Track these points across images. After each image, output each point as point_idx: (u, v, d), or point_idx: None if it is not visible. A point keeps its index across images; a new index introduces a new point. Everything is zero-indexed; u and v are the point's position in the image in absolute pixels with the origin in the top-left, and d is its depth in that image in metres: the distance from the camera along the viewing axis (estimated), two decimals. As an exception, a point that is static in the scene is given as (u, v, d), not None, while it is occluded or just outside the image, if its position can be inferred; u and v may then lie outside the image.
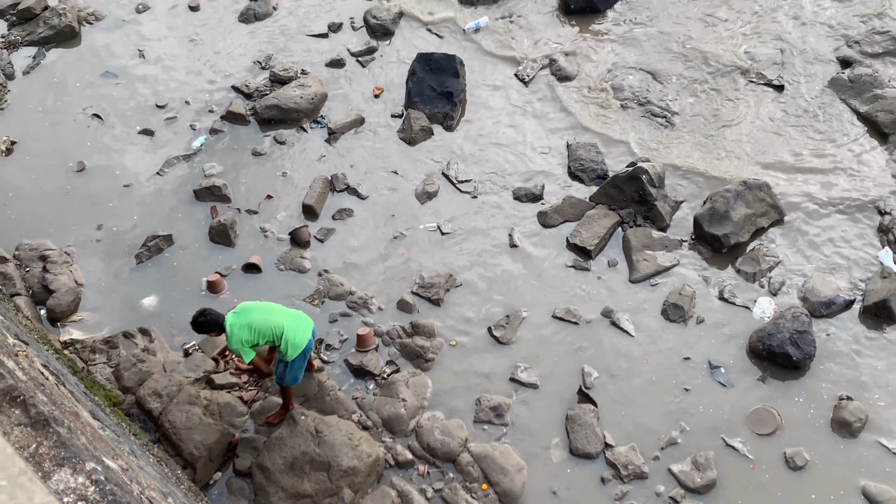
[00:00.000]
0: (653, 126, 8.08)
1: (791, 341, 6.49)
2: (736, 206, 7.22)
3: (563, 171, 7.79)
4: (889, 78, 8.27)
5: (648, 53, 8.64)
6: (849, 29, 8.77)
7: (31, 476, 1.90)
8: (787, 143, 7.96)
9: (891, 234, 7.22)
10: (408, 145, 7.99)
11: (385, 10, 8.96)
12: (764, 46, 8.64)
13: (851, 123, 8.08)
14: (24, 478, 1.86)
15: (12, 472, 1.87)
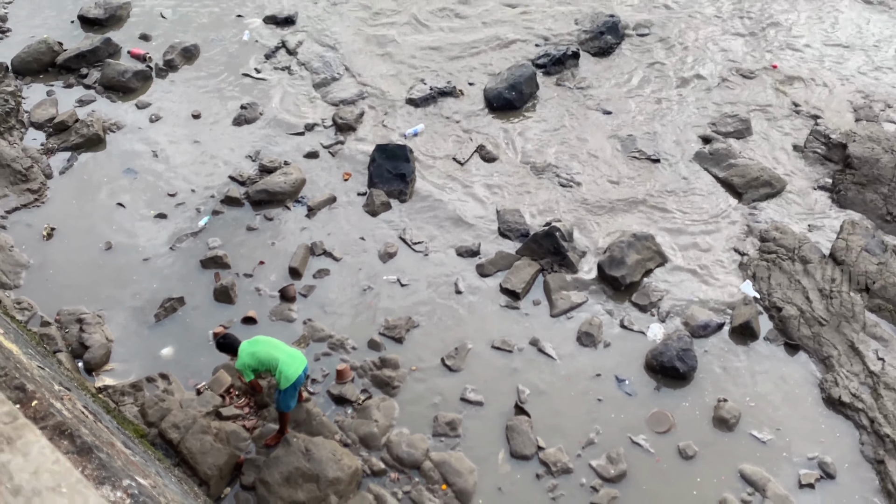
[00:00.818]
0: (562, 192, 8.33)
1: (678, 357, 6.70)
2: (629, 253, 7.47)
3: (495, 232, 7.96)
4: (739, 150, 8.65)
5: (555, 140, 8.92)
6: (705, 111, 9.15)
7: (87, 484, 2.01)
8: (664, 200, 8.26)
9: (749, 269, 7.53)
10: (371, 216, 8.14)
11: (349, 112, 9.18)
12: (644, 128, 8.98)
13: (714, 186, 8.42)
14: (81, 485, 1.96)
15: (71, 480, 1.98)
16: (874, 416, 6.32)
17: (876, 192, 8.09)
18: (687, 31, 10.22)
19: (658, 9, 10.64)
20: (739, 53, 9.90)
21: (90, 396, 5.94)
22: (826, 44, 10.10)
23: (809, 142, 8.71)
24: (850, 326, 6.89)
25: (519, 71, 9.27)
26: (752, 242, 7.77)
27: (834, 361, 6.70)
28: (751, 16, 10.57)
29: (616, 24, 9.93)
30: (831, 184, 8.29)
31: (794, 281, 7.26)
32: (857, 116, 9.09)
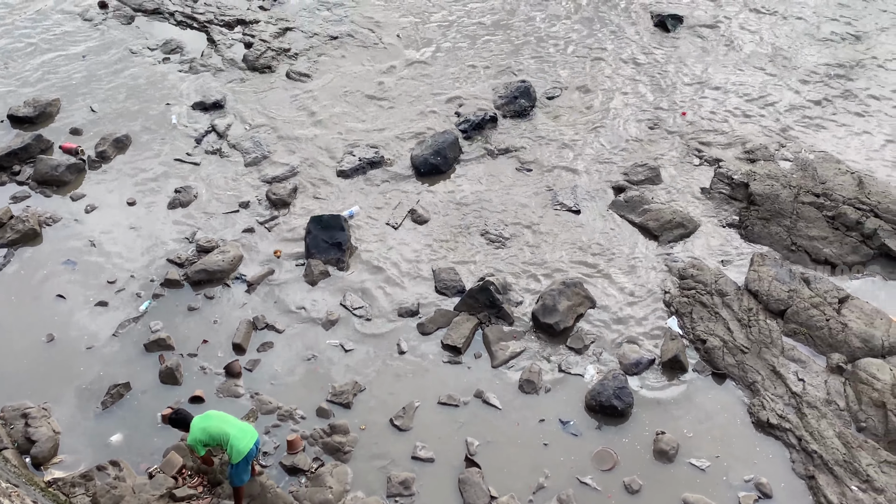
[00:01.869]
0: (492, 248, 8.47)
1: (615, 395, 6.81)
2: (560, 300, 7.62)
3: (432, 291, 8.03)
4: (652, 196, 8.98)
5: (482, 199, 9.10)
6: (618, 163, 9.50)
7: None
8: (588, 248, 8.48)
9: (672, 306, 7.75)
10: (311, 286, 8.13)
11: (282, 187, 9.22)
12: (563, 183, 9.26)
13: (632, 231, 8.69)
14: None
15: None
16: (801, 434, 6.51)
17: (779, 224, 8.47)
18: (594, 90, 10.60)
19: (567, 70, 11.01)
20: (647, 104, 10.30)
21: (40, 491, 5.70)
22: (726, 92, 10.57)
23: (714, 184, 9.08)
24: (769, 352, 7.13)
25: (442, 137, 9.49)
26: (672, 281, 8.01)
27: (759, 386, 6.90)
28: (657, 70, 11.03)
29: (528, 88, 10.28)
30: (738, 221, 8.64)
31: (715, 314, 7.50)
32: (756, 157, 9.49)
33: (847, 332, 7.21)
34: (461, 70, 11.09)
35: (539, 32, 11.90)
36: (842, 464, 6.22)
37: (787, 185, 8.81)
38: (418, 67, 11.13)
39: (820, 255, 8.20)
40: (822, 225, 8.43)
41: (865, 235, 8.24)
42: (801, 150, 9.58)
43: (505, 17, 12.27)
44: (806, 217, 8.49)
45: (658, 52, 11.45)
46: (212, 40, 11.71)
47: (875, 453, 6.28)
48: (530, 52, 11.43)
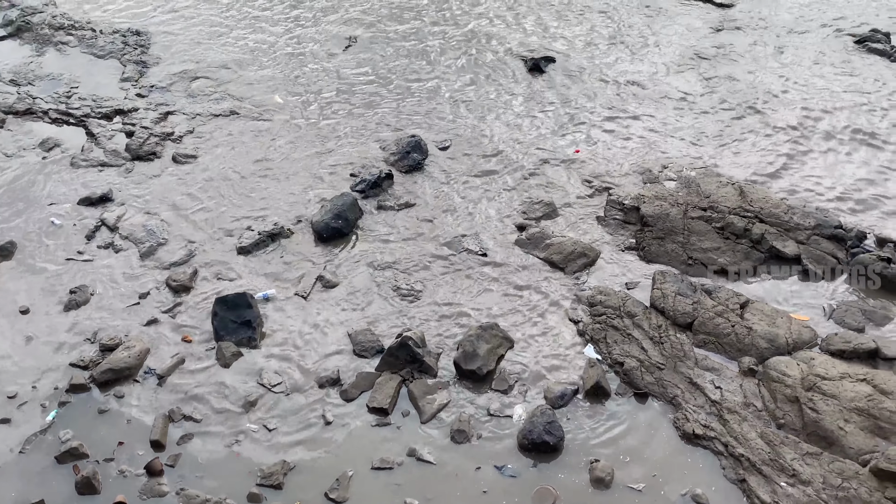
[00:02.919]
0: (406, 303, 8.44)
1: (546, 431, 6.82)
2: (479, 344, 7.63)
3: (351, 355, 7.91)
4: (552, 230, 9.19)
5: (388, 255, 9.09)
6: (515, 202, 9.70)
7: None
8: (499, 288, 8.56)
9: (587, 334, 7.88)
10: (225, 369, 7.86)
11: (182, 272, 8.95)
12: (466, 229, 9.36)
13: (538, 266, 8.84)
14: None
15: None
16: (726, 440, 6.67)
17: (674, 241, 8.79)
18: (484, 136, 10.84)
19: (455, 120, 11.23)
20: (538, 144, 10.59)
21: None
22: (611, 123, 11.01)
23: (608, 211, 9.38)
24: (684, 365, 7.32)
25: (340, 200, 9.46)
26: (583, 309, 8.17)
27: (680, 399, 7.05)
28: (542, 110, 11.40)
29: (419, 142, 10.42)
30: (635, 243, 8.92)
31: (628, 335, 7.66)
32: (643, 181, 9.87)
33: (753, 335, 7.49)
34: (350, 132, 11.16)
35: (421, 87, 12.12)
36: (768, 462, 6.40)
37: (676, 204, 9.18)
38: (306, 135, 11.13)
39: (716, 265, 8.54)
40: (714, 236, 8.79)
41: (754, 241, 8.65)
42: (683, 168, 10.03)
43: (385, 73, 12.47)
44: (697, 231, 8.84)
45: (542, 93, 11.85)
46: (91, 134, 11.38)
47: (797, 447, 6.49)
48: (416, 107, 11.64)
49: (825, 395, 6.75)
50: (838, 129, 10.94)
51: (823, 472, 6.27)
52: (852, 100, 11.60)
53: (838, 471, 6.26)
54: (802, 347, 7.39)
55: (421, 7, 14.59)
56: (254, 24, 13.97)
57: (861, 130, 10.87)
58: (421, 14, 14.34)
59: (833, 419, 6.58)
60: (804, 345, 7.42)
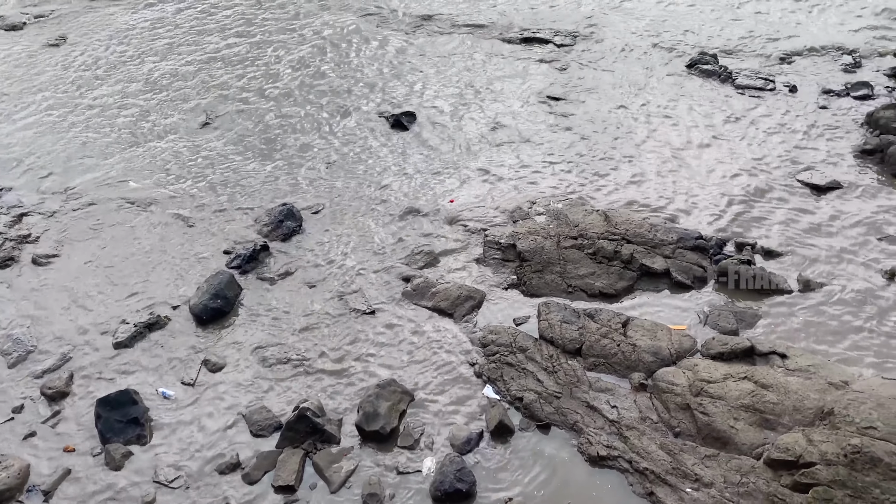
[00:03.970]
0: (299, 373, 8.23)
1: (457, 479, 6.76)
2: (379, 403, 7.52)
3: (248, 436, 7.61)
4: (436, 278, 9.27)
5: (268, 327, 8.87)
6: (396, 255, 9.73)
7: None
8: (392, 342, 8.50)
9: (484, 375, 7.93)
10: (116, 471, 7.38)
11: (56, 378, 8.39)
12: (346, 289, 9.28)
13: (428, 316, 8.86)
14: None
15: None
16: (630, 456, 6.82)
17: (552, 272, 9.04)
18: (357, 196, 10.86)
19: (327, 184, 11.21)
20: (410, 198, 10.69)
21: None
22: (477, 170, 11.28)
23: (486, 252, 9.56)
24: (580, 390, 7.48)
25: (217, 279, 9.20)
26: (477, 351, 8.22)
27: (581, 424, 7.18)
28: (409, 163, 11.55)
29: (291, 209, 10.33)
30: (517, 280, 9.11)
31: (523, 370, 7.76)
32: (515, 218, 10.14)
33: (638, 351, 7.75)
34: (218, 209, 10.92)
35: (287, 153, 12.06)
36: (672, 472, 6.59)
37: (548, 236, 9.47)
38: (171, 219, 10.79)
39: (594, 289, 8.83)
40: (588, 262, 9.11)
41: (625, 261, 9.02)
42: (550, 202, 10.39)
43: (249, 143, 12.34)
44: (572, 259, 9.13)
45: (408, 147, 12.05)
46: (-63, 246, 10.61)
47: (695, 452, 6.73)
48: (284, 174, 11.57)
49: (713, 397, 7.05)
50: (685, 148, 11.65)
51: (723, 472, 6.51)
52: (693, 120, 12.42)
53: (736, 468, 6.52)
54: (685, 356, 7.71)
55: (280, 75, 14.61)
56: (102, 110, 13.54)
57: (697, 145, 11.63)
58: (280, 78, 14.35)
59: (723, 419, 6.87)
60: (686, 353, 7.74)
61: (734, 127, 12.24)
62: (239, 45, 16.14)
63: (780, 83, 13.47)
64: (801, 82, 13.49)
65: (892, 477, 6.02)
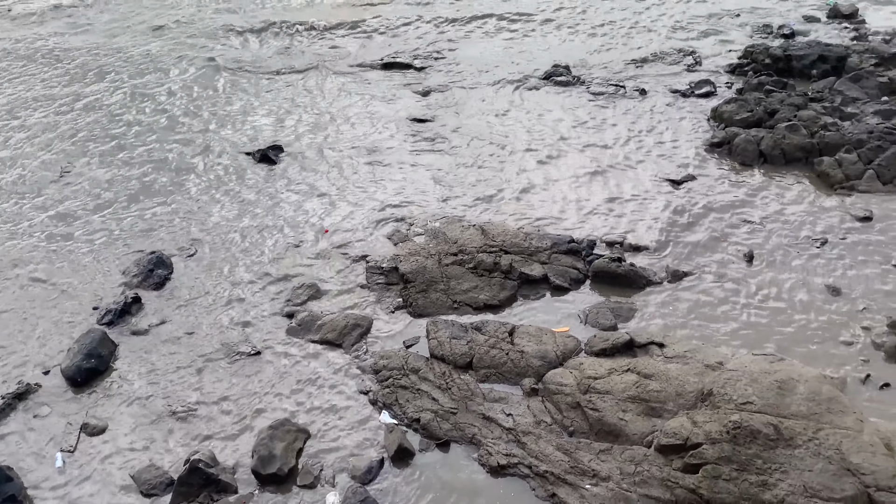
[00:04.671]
0: (186, 425, 7.89)
1: (362, 510, 6.65)
2: (274, 445, 7.29)
3: (139, 496, 7.20)
4: (320, 311, 9.13)
5: (154, 377, 8.48)
6: (278, 295, 9.53)
7: None
8: (280, 382, 8.29)
9: (378, 402, 7.85)
10: (-6, 560, 6.82)
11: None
12: (232, 333, 9.00)
13: (317, 350, 8.69)
14: None
15: None
16: (529, 461, 6.92)
17: (436, 290, 9.10)
18: (226, 239, 10.59)
19: (194, 227, 10.87)
20: (286, 233, 10.51)
21: None
22: (350, 202, 11.22)
23: (369, 277, 9.52)
24: (474, 403, 7.54)
25: (88, 338, 8.71)
26: (369, 378, 8.14)
27: (479, 437, 7.23)
28: (280, 197, 11.37)
29: (160, 257, 9.97)
30: (403, 302, 9.10)
31: (417, 391, 7.75)
32: (395, 241, 10.15)
33: (526, 357, 7.90)
34: (83, 264, 10.37)
35: (153, 201, 11.63)
36: (570, 471, 6.73)
37: (429, 255, 9.53)
38: (30, 280, 10.13)
39: (478, 302, 8.95)
40: (470, 277, 9.23)
41: (505, 271, 9.20)
42: (427, 222, 10.48)
43: (112, 194, 11.82)
44: (454, 276, 9.23)
45: (278, 180, 11.88)
46: None
47: (590, 448, 6.90)
48: (151, 222, 11.15)
49: (600, 393, 7.26)
50: (551, 156, 12.05)
51: (618, 464, 6.70)
52: (554, 128, 12.88)
53: (630, 458, 6.73)
54: (571, 356, 7.91)
55: (142, 122, 14.10)
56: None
57: (561, 151, 12.07)
58: (139, 123, 13.84)
59: (613, 413, 7.09)
60: (571, 353, 7.95)
61: (593, 132, 12.78)
62: (96, 94, 15.49)
63: (631, 88, 14.19)
64: (650, 85, 14.26)
65: (771, 446, 6.37)
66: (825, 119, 11.90)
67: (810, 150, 11.34)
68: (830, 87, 13.28)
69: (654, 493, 6.44)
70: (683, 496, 6.33)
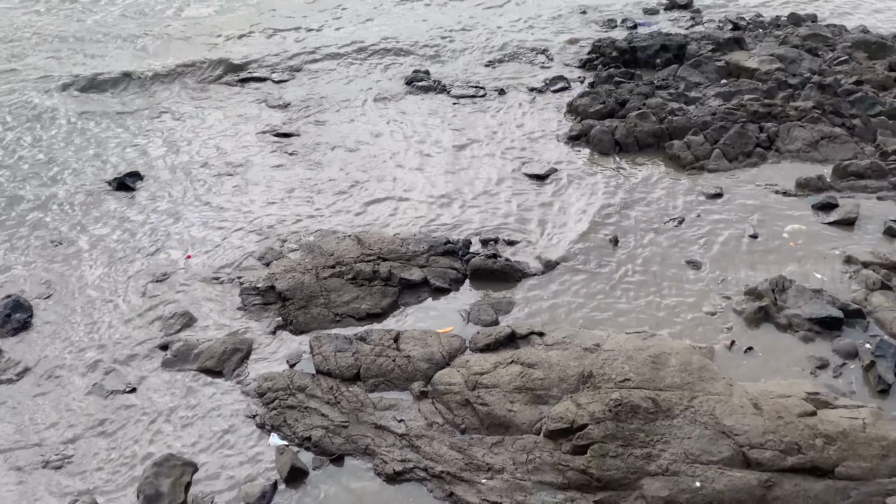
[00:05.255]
0: (62, 475, 7.40)
1: (259, 537, 6.47)
2: (160, 482, 6.94)
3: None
4: (196, 340, 8.81)
5: (21, 428, 7.92)
6: (149, 327, 9.13)
7: None
8: (158, 418, 7.94)
9: (266, 425, 7.65)
10: None
11: None
12: (97, 375, 8.54)
13: (197, 379, 8.37)
14: None
15: None
16: (425, 464, 6.95)
17: (317, 305, 9.00)
18: (85, 276, 10.06)
19: (51, 267, 10.25)
20: (149, 261, 10.08)
21: None
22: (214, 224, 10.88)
23: (245, 299, 9.27)
24: (365, 413, 7.49)
25: (-59, 396, 8.02)
26: (255, 402, 7.92)
27: (373, 447, 7.19)
28: (144, 224, 10.90)
29: (18, 300, 9.33)
30: (283, 321, 8.92)
31: (305, 409, 7.62)
32: (268, 260, 9.94)
33: (413, 361, 7.93)
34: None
35: (4, 236, 10.86)
36: (465, 468, 6.80)
37: (306, 271, 9.40)
38: None
39: (361, 312, 8.91)
40: (350, 288, 9.17)
41: (384, 279, 9.20)
42: (301, 237, 10.34)
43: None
44: (334, 288, 9.14)
45: (138, 209, 11.40)
46: None
47: (482, 443, 7.01)
48: (3, 263, 10.37)
49: (488, 387, 7.39)
50: (419, 160, 12.17)
51: (511, 455, 6.84)
52: (419, 132, 13.01)
53: (521, 448, 6.88)
54: (457, 355, 8.01)
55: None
56: None
57: (427, 155, 12.23)
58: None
59: (501, 405, 7.23)
60: (457, 352, 8.05)
61: (458, 134, 13.00)
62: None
63: (490, 88, 14.54)
64: (508, 85, 14.67)
65: (651, 419, 6.68)
66: (672, 105, 12.62)
67: (661, 135, 12.00)
68: (674, 74, 14.11)
69: (547, 479, 6.61)
70: (575, 478, 6.53)
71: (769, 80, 13.23)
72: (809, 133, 11.61)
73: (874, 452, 6.36)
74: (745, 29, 16.35)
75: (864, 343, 7.73)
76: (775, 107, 12.19)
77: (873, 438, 6.43)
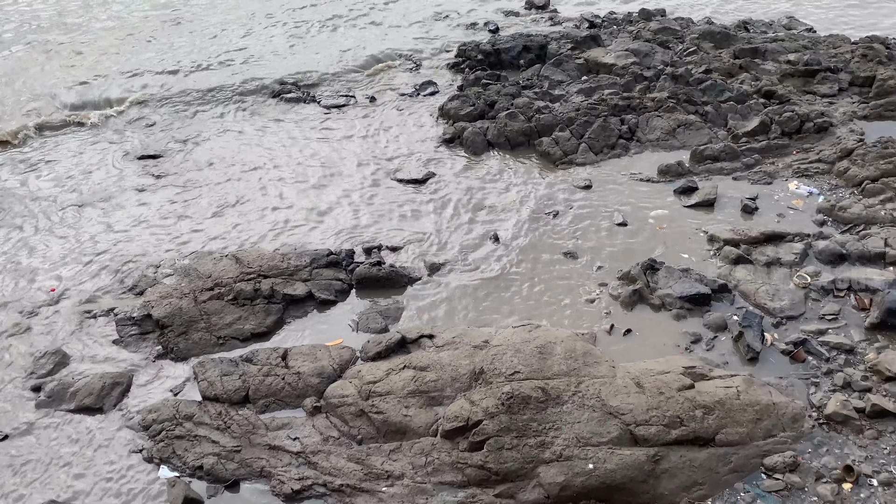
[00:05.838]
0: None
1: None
2: (41, 534, 6.57)
3: None
4: (71, 378, 8.32)
5: None
6: (22, 364, 8.58)
7: None
8: (43, 465, 7.47)
9: (155, 459, 7.34)
10: None
11: None
12: None
13: (75, 421, 7.93)
14: None
15: None
16: (324, 479, 6.89)
17: (197, 330, 8.72)
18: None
19: None
20: (12, 302, 9.46)
21: None
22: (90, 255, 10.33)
23: (121, 330, 8.88)
24: (258, 435, 7.31)
25: None
26: (140, 437, 7.58)
27: (269, 468, 7.03)
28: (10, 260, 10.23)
29: None
30: (163, 349, 8.57)
31: (195, 437, 7.36)
32: (143, 288, 9.53)
33: (304, 377, 7.81)
34: None
35: None
36: (364, 478, 6.77)
37: (183, 295, 9.08)
38: None
39: (245, 333, 8.71)
40: (231, 309, 8.93)
41: (267, 296, 9.02)
42: (175, 261, 9.97)
43: None
44: (214, 311, 8.88)
45: None
46: None
47: (380, 451, 6.99)
48: None
49: (381, 395, 7.37)
50: (293, 173, 12.00)
51: (410, 460, 6.85)
52: (290, 144, 12.83)
53: (419, 451, 6.91)
54: (348, 366, 7.96)
55: None
56: None
57: (300, 165, 12.10)
58: None
59: (396, 412, 7.23)
60: (348, 363, 7.99)
61: (330, 144, 12.90)
62: None
63: (361, 96, 14.52)
64: (378, 91, 14.69)
65: (542, 408, 6.86)
66: (538, 103, 13.02)
67: (530, 133, 12.35)
68: (537, 73, 14.55)
69: (447, 479, 6.67)
70: (474, 474, 6.61)
71: (626, 75, 13.88)
72: (666, 122, 12.26)
73: (749, 417, 6.79)
74: (601, 26, 17.08)
75: (731, 315, 8.23)
76: (634, 99, 12.79)
77: (747, 404, 6.86)
